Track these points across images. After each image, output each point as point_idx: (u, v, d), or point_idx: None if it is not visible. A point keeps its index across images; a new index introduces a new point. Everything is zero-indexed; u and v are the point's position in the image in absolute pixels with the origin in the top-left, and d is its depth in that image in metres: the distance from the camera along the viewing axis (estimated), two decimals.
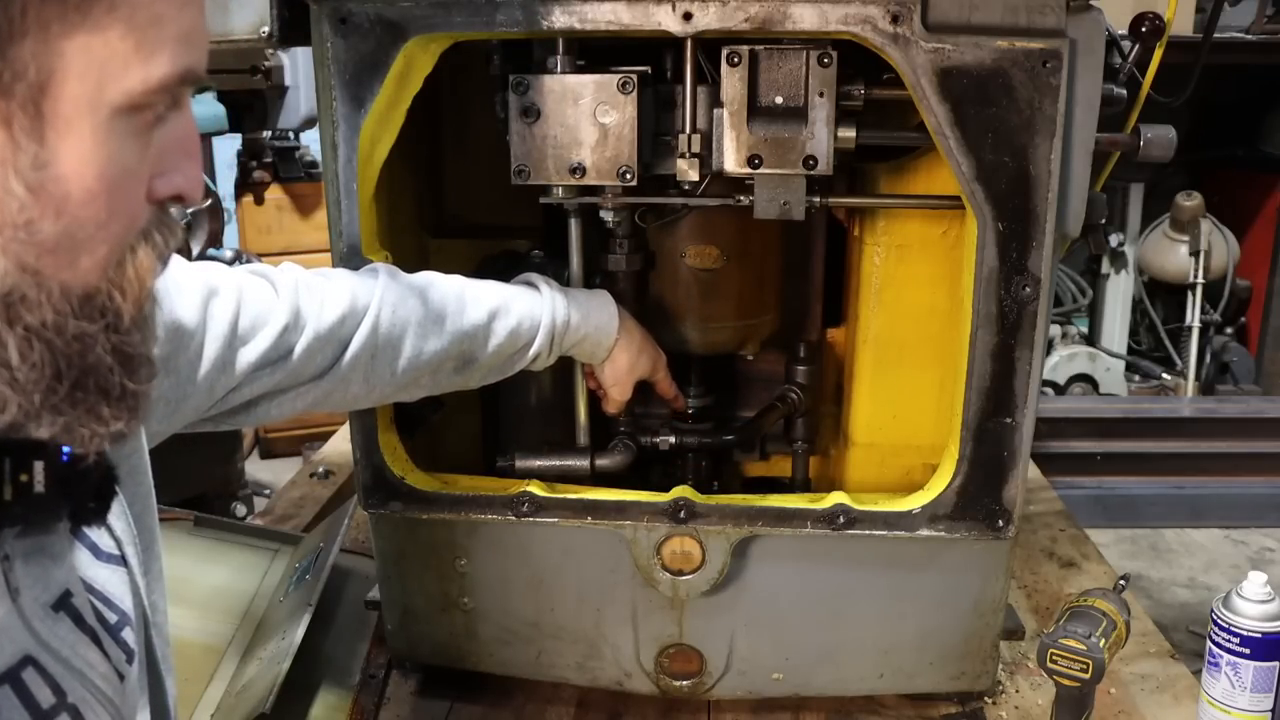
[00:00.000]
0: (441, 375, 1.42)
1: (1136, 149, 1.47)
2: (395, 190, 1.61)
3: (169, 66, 0.72)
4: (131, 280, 0.77)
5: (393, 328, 1.34)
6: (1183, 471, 4.03)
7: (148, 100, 0.72)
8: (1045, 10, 1.32)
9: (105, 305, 0.75)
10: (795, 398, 1.80)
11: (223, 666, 1.78)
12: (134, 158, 0.74)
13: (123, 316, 0.77)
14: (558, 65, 1.44)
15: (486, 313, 1.41)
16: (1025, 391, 1.44)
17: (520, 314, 1.43)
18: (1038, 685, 1.72)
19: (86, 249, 0.73)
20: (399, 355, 1.35)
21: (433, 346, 1.37)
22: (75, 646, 0.86)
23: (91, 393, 0.76)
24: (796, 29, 1.34)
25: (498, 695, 1.72)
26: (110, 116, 0.71)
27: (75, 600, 0.88)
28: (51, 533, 0.87)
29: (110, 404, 0.77)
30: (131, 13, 0.70)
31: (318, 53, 1.40)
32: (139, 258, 0.77)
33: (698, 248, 1.64)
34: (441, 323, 1.38)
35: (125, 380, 0.77)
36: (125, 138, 0.73)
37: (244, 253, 3.54)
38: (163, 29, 0.72)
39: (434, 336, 1.37)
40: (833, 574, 1.60)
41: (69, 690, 0.84)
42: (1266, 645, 1.52)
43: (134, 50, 0.70)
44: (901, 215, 1.60)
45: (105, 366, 0.76)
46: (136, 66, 0.71)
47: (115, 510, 0.94)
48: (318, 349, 1.29)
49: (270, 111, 3.67)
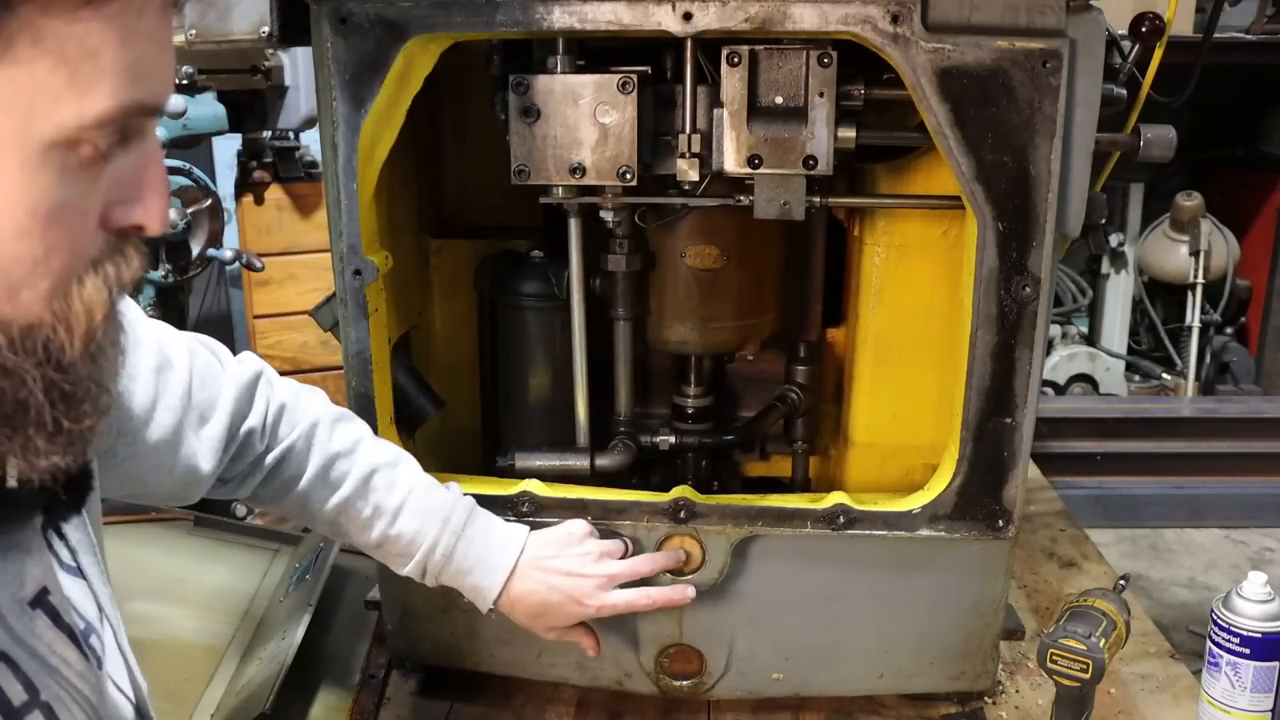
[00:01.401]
0: (321, 526, 1.44)
1: (1136, 149, 1.47)
2: (395, 190, 1.61)
3: (109, 102, 0.69)
4: (79, 313, 0.74)
5: (296, 461, 1.38)
6: (1183, 471, 4.02)
7: (84, 135, 0.70)
8: (1045, 10, 1.32)
9: (49, 339, 0.73)
10: (795, 398, 1.80)
11: (223, 666, 1.78)
12: (73, 192, 0.71)
13: (65, 351, 0.74)
14: (558, 65, 1.44)
15: (372, 508, 1.41)
16: (1025, 391, 1.44)
17: (402, 530, 1.41)
18: (1038, 685, 1.72)
19: (26, 283, 0.71)
20: (292, 485, 1.39)
21: (320, 499, 1.40)
22: (52, 644, 0.86)
23: (26, 427, 0.74)
24: (796, 29, 1.34)
25: (498, 695, 1.71)
26: (41, 152, 0.68)
27: (53, 598, 0.88)
28: (26, 528, 0.87)
29: (44, 439, 0.75)
30: (60, 46, 0.67)
31: (318, 53, 1.40)
32: (86, 289, 0.74)
33: (698, 248, 1.64)
34: (335, 487, 1.39)
35: (63, 418, 0.75)
36: (61, 173, 0.70)
37: (244, 252, 3.53)
38: (99, 62, 0.68)
39: (323, 491, 1.40)
40: (833, 574, 1.60)
41: (43, 688, 0.83)
42: (1266, 645, 1.52)
43: (66, 84, 0.68)
44: (901, 215, 1.60)
45: (39, 403, 0.74)
46: (69, 101, 0.68)
47: (73, 521, 0.93)
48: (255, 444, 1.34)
49: (270, 111, 3.67)
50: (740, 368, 1.90)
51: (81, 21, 0.67)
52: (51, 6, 0.66)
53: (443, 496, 1.43)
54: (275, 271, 3.98)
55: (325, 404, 1.44)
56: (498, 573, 1.43)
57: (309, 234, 4.03)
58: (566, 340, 1.65)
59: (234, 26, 1.46)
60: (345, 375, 1.54)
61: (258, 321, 4.12)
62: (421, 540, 1.41)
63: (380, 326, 1.54)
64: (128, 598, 1.84)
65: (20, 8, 0.65)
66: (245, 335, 4.32)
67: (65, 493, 0.89)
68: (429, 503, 1.42)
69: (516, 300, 1.73)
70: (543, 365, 1.75)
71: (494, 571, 1.43)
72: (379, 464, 1.41)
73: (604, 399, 1.71)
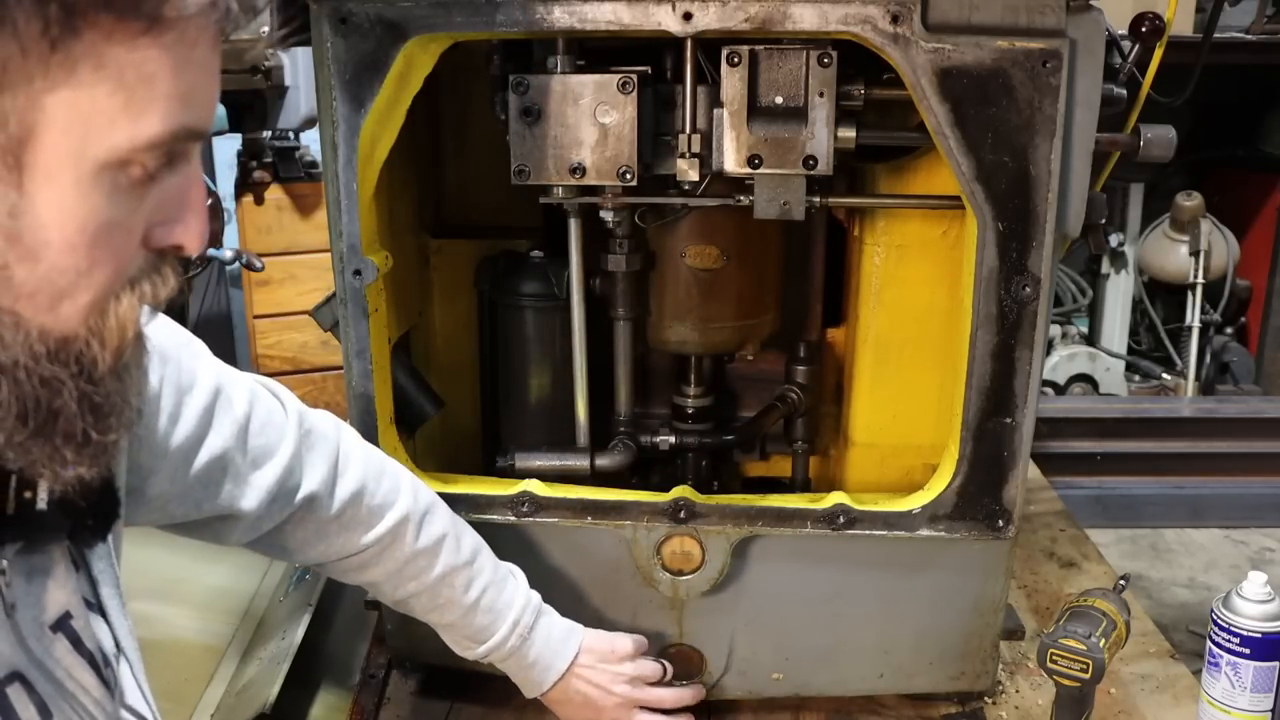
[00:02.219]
0: (385, 601, 1.48)
1: (1136, 149, 1.47)
2: (395, 190, 1.61)
3: (160, 126, 0.72)
4: (112, 329, 0.77)
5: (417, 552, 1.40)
6: (1183, 471, 4.02)
7: (135, 157, 0.72)
8: (1045, 10, 1.32)
9: (81, 352, 0.76)
10: (795, 398, 1.80)
11: (223, 666, 1.78)
12: (121, 211, 0.74)
13: (98, 365, 0.77)
14: (558, 65, 1.44)
15: (446, 602, 1.43)
16: (1025, 391, 1.44)
17: (480, 621, 1.45)
18: (1038, 685, 1.72)
19: (68, 295, 0.74)
20: (364, 573, 1.41)
21: (391, 588, 1.42)
22: (70, 669, 0.86)
23: (55, 436, 0.76)
24: (796, 29, 1.34)
25: (498, 695, 1.71)
26: (95, 171, 0.71)
27: (75, 623, 0.88)
28: (52, 551, 0.87)
29: (74, 449, 0.77)
30: (120, 71, 0.69)
31: (318, 53, 1.40)
32: (122, 306, 0.77)
33: (698, 248, 1.64)
34: (410, 579, 1.41)
35: (91, 429, 0.77)
36: (111, 192, 0.72)
37: (244, 252, 3.54)
38: (154, 88, 0.71)
39: (397, 582, 1.42)
40: (833, 574, 1.60)
41: (56, 711, 0.84)
42: (1266, 645, 1.52)
43: (122, 108, 0.70)
44: (901, 215, 1.60)
45: (71, 413, 0.76)
46: (124, 124, 0.70)
47: (98, 550, 0.93)
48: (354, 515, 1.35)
49: (270, 111, 3.67)
50: (740, 368, 1.90)
51: (141, 49, 0.69)
52: (115, 33, 0.68)
53: (512, 594, 1.47)
54: (275, 271, 3.98)
55: (412, 489, 1.43)
56: (551, 673, 1.50)
57: (309, 234, 4.03)
58: (566, 340, 1.65)
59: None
60: (345, 375, 1.54)
61: (258, 321, 4.12)
62: (488, 637, 1.45)
63: (380, 326, 1.54)
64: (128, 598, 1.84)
65: (86, 33, 0.67)
66: (245, 335, 4.32)
67: (91, 518, 0.89)
68: (501, 602, 1.46)
69: (516, 300, 1.73)
70: (543, 365, 1.75)
71: (548, 672, 1.50)
72: (458, 564, 1.43)
73: (604, 399, 1.71)
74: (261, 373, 1.50)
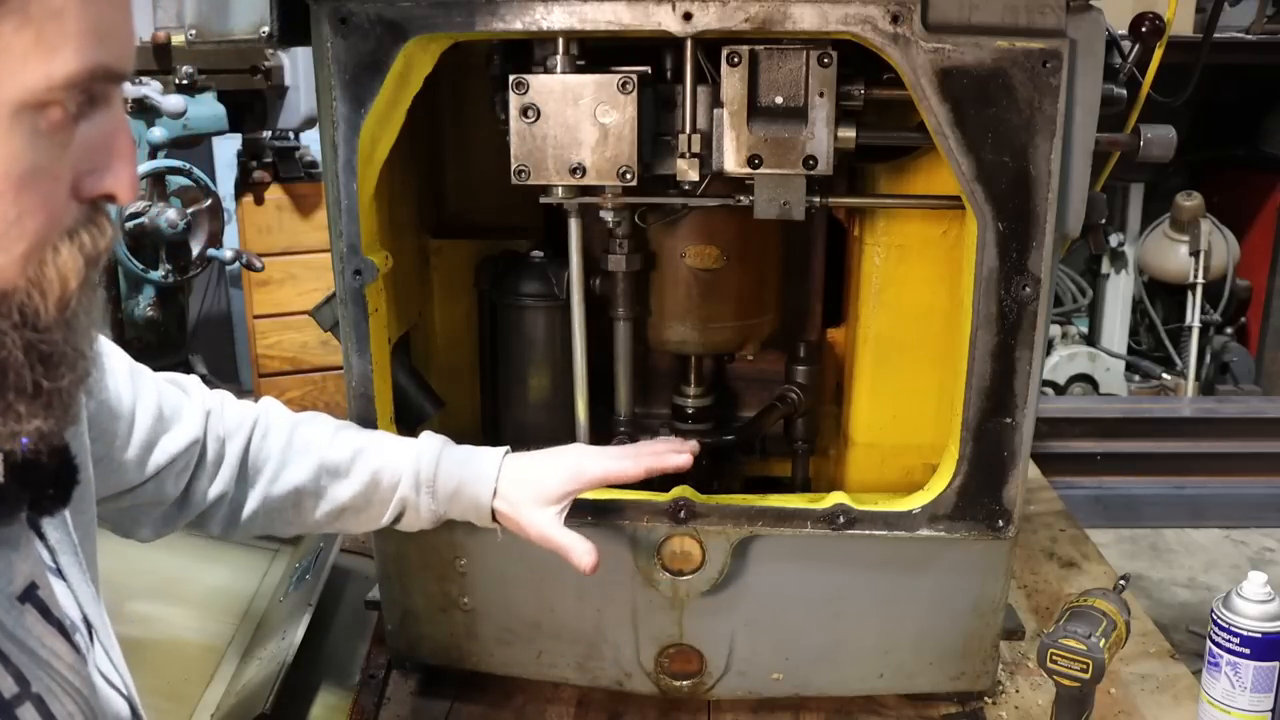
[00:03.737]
0: (304, 513, 1.40)
1: (1136, 149, 1.47)
2: (395, 190, 1.61)
3: (76, 63, 0.71)
4: (52, 280, 0.76)
5: (260, 449, 1.36)
6: (1183, 471, 4.02)
7: (53, 97, 0.71)
8: (1045, 10, 1.32)
9: (23, 304, 0.75)
10: (795, 398, 1.80)
11: (223, 666, 1.79)
12: (45, 157, 0.73)
13: (40, 315, 0.76)
14: (558, 65, 1.44)
15: (350, 451, 1.39)
16: (1025, 391, 1.44)
17: (386, 460, 1.40)
18: (1038, 685, 1.72)
19: (0, 246, 0.73)
20: (257, 479, 1.37)
21: (291, 476, 1.37)
22: (42, 637, 0.86)
23: (6, 390, 0.75)
24: (796, 29, 1.34)
25: (498, 695, 1.72)
26: (11, 113, 0.70)
27: (41, 593, 0.88)
28: (13, 524, 0.87)
29: (25, 402, 0.76)
30: (25, 5, 0.68)
31: (318, 53, 1.40)
32: (61, 256, 0.76)
33: (698, 248, 1.64)
34: (305, 453, 1.38)
35: (42, 379, 0.77)
36: (32, 136, 0.71)
37: (244, 252, 3.54)
38: (64, 23, 0.70)
39: (293, 466, 1.38)
40: (833, 574, 1.60)
41: (33, 679, 0.84)
42: (1266, 645, 1.52)
43: (33, 45, 0.69)
44: (901, 215, 1.60)
45: (18, 363, 0.75)
46: (36, 62, 0.69)
47: (56, 518, 0.93)
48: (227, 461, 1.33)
49: (270, 111, 3.67)
50: (740, 368, 1.90)
51: None
52: None
53: (375, 432, 1.45)
54: (275, 271, 3.98)
55: (267, 399, 1.45)
56: (491, 459, 1.40)
57: (309, 234, 4.04)
58: (566, 340, 1.64)
59: (234, 26, 1.46)
60: (345, 375, 1.54)
61: (258, 321, 4.12)
62: (405, 460, 1.39)
63: (380, 326, 1.54)
64: (128, 597, 1.85)
65: None
66: (245, 335, 4.32)
67: (52, 487, 0.89)
68: (402, 438, 1.43)
69: (516, 300, 1.73)
70: (543, 365, 1.75)
71: (489, 459, 1.41)
72: (340, 423, 1.42)
73: (604, 399, 1.71)
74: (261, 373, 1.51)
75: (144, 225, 3.04)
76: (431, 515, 1.41)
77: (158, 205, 3.06)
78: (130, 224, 3.02)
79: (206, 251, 3.23)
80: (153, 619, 1.85)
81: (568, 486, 1.39)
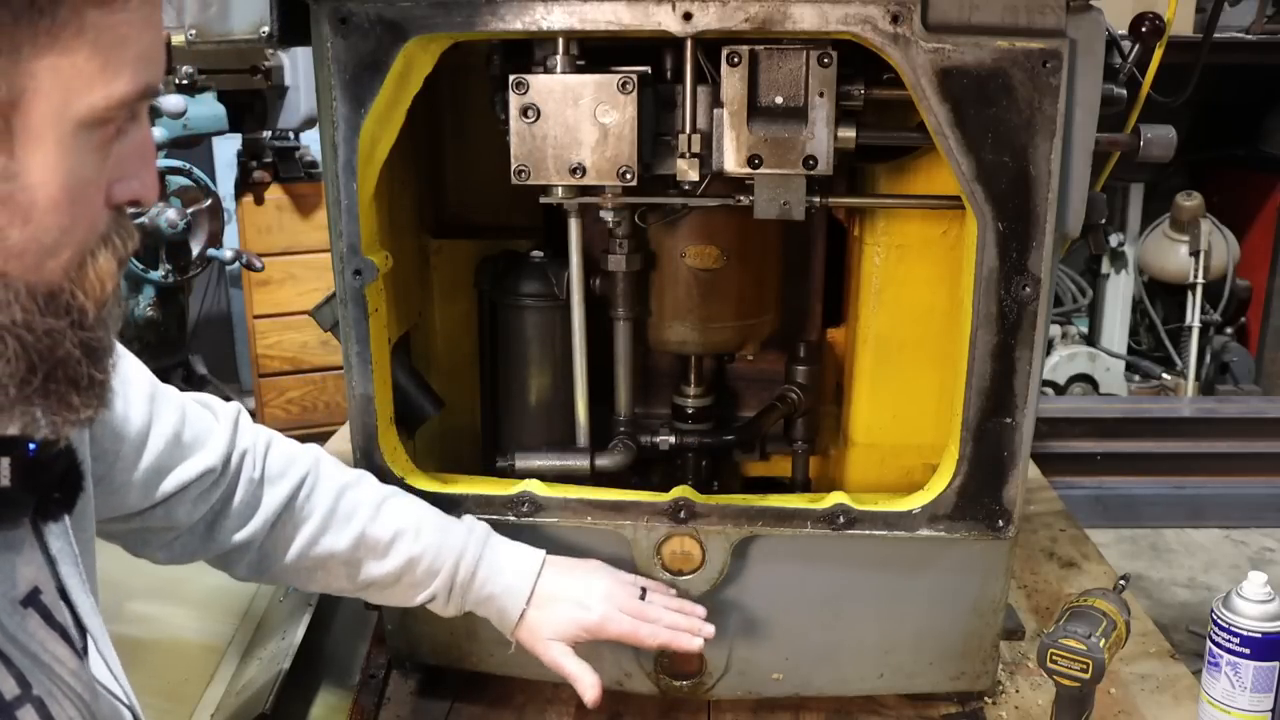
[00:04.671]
0: (333, 578, 1.42)
1: (1136, 149, 1.47)
2: (395, 190, 1.61)
3: (131, 85, 0.77)
4: (93, 282, 0.81)
5: (303, 507, 1.38)
6: (1183, 471, 4.02)
7: (110, 115, 0.77)
8: (1045, 10, 1.32)
9: (69, 304, 0.80)
10: (795, 398, 1.80)
11: (223, 666, 1.79)
12: (94, 168, 0.79)
13: (87, 314, 0.81)
14: (558, 65, 1.44)
15: (392, 531, 1.40)
16: (1025, 391, 1.44)
17: (426, 546, 1.41)
18: (1038, 685, 1.72)
19: (52, 253, 0.78)
20: (294, 536, 1.38)
21: (329, 543, 1.38)
22: (44, 641, 0.88)
23: (62, 383, 0.81)
24: (796, 29, 1.34)
25: (498, 695, 1.71)
26: (74, 130, 0.75)
27: (44, 598, 0.90)
28: (17, 528, 0.89)
29: (79, 393, 0.82)
30: (98, 35, 0.74)
31: (318, 53, 1.40)
32: (99, 261, 0.82)
33: (698, 248, 1.64)
34: (347, 522, 1.39)
35: (92, 370, 0.82)
36: (87, 150, 0.77)
37: (244, 253, 3.54)
38: (126, 50, 0.76)
39: (333, 533, 1.39)
40: (833, 574, 1.60)
41: (35, 683, 0.85)
42: (1266, 645, 1.52)
43: (99, 70, 0.75)
44: (901, 215, 1.60)
45: (74, 359, 0.81)
46: (100, 85, 0.75)
47: (59, 526, 0.95)
48: (247, 494, 1.34)
49: (270, 111, 3.67)
50: (740, 368, 1.90)
51: (115, 12, 0.75)
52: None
53: (455, 519, 1.45)
54: (275, 271, 3.98)
55: (316, 450, 1.45)
56: (529, 566, 1.44)
57: (309, 234, 4.04)
58: (566, 340, 1.65)
59: (234, 26, 1.46)
60: (345, 375, 1.54)
61: (258, 321, 4.12)
62: (447, 554, 1.41)
63: (380, 326, 1.54)
64: (128, 597, 1.85)
65: (70, 0, 0.72)
66: (245, 335, 4.32)
67: (58, 491, 0.91)
68: (446, 520, 1.44)
69: (516, 300, 1.73)
70: (543, 365, 1.75)
71: (524, 566, 1.44)
72: (387, 492, 1.43)
73: (604, 399, 1.71)
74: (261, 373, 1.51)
75: (144, 225, 3.04)
76: (456, 611, 1.46)
77: (158, 205, 3.06)
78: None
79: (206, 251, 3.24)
80: (153, 619, 1.85)
81: (583, 635, 1.45)
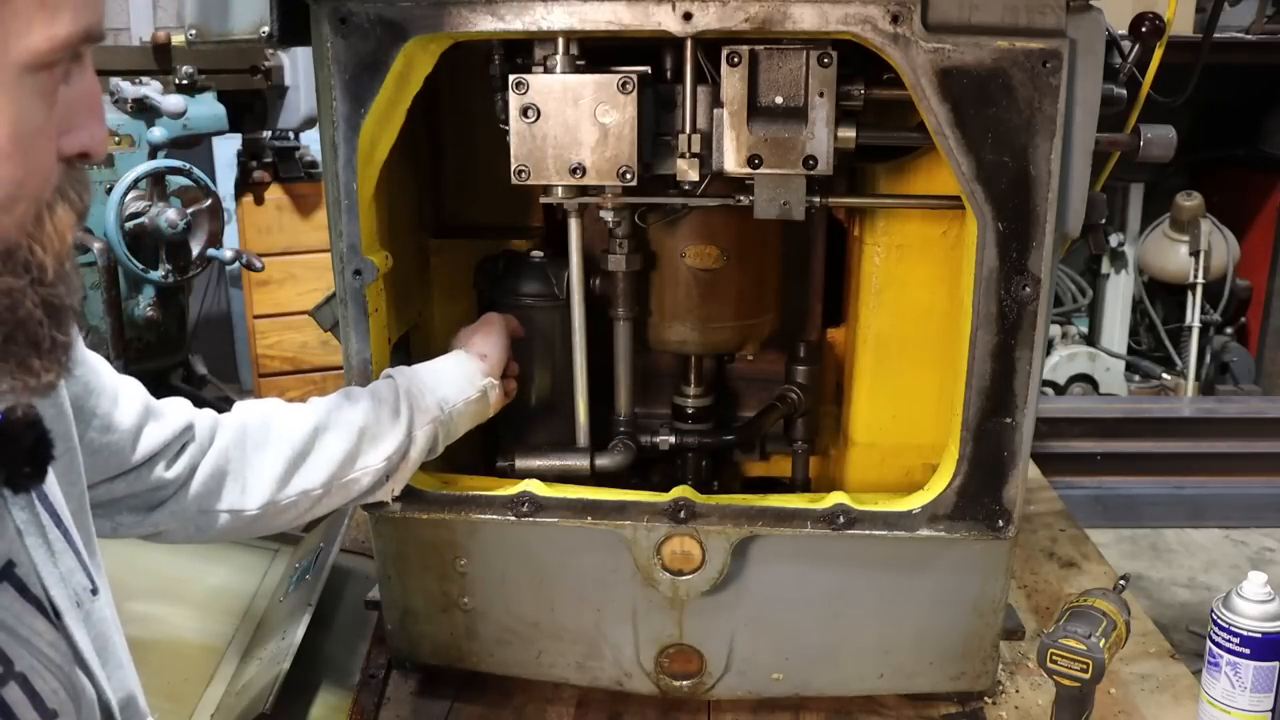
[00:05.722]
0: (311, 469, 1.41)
1: (1136, 149, 1.47)
2: (395, 190, 1.61)
3: (72, 24, 0.73)
4: (51, 235, 0.78)
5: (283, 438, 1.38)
6: (1183, 471, 4.02)
7: (54, 58, 0.73)
8: (1045, 10, 1.32)
9: (28, 260, 0.77)
10: (795, 398, 1.80)
11: (223, 666, 1.79)
12: (42, 115, 0.75)
13: (46, 270, 0.78)
14: (558, 65, 1.44)
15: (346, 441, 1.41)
16: (1025, 391, 1.44)
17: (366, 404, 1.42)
18: (1038, 685, 1.72)
19: (5, 209, 0.74)
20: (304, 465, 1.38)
21: (328, 444, 1.40)
22: (20, 615, 0.87)
23: (23, 345, 0.77)
24: (796, 29, 1.34)
25: (498, 695, 1.71)
26: (18, 75, 0.71)
27: (19, 570, 0.89)
28: None
29: (40, 355, 0.78)
30: None
31: (318, 53, 1.40)
32: (57, 214, 0.78)
33: (698, 248, 1.64)
34: (305, 457, 1.39)
35: (54, 331, 0.79)
36: (33, 96, 0.73)
37: (244, 253, 3.54)
38: None
39: (332, 433, 1.40)
40: (833, 574, 1.60)
41: (16, 658, 0.84)
42: (1266, 645, 1.52)
43: (37, 8, 0.71)
44: (901, 215, 1.60)
45: (35, 319, 0.77)
46: (40, 25, 0.71)
47: (20, 500, 0.93)
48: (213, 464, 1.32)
49: (270, 111, 3.67)
50: (740, 368, 1.90)
51: None
52: None
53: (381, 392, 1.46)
54: (275, 271, 3.98)
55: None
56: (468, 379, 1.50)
57: (309, 234, 4.04)
58: (566, 340, 1.65)
59: (234, 26, 1.46)
60: (345, 375, 1.54)
61: (258, 321, 4.12)
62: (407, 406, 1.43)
63: (380, 326, 1.54)
64: (128, 598, 1.84)
65: None
66: (245, 335, 4.32)
67: (28, 464, 0.89)
68: (376, 399, 1.44)
69: (516, 300, 1.73)
70: (543, 365, 1.75)
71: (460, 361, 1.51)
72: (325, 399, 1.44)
73: (604, 399, 1.71)
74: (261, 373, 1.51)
75: (144, 225, 3.04)
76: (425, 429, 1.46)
77: (158, 205, 3.05)
78: (130, 224, 3.02)
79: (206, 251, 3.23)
80: (153, 619, 1.85)
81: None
